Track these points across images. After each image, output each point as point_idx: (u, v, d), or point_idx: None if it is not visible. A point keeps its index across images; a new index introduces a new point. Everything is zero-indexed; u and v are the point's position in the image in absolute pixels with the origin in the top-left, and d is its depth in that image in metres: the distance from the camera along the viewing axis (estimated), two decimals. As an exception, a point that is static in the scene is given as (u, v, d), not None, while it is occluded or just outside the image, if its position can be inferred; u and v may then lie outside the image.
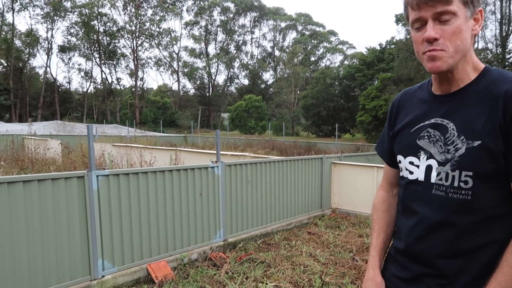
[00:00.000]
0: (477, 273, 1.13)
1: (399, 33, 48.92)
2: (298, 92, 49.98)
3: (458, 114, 1.17)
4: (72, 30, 50.26)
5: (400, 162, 1.33)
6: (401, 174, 1.34)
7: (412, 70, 22.94)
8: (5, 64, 46.67)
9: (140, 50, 55.55)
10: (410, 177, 1.27)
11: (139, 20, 52.63)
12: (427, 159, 1.22)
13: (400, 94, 1.46)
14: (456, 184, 1.14)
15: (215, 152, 5.46)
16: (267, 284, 3.93)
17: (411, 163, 1.27)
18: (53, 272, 3.51)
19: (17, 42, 47.69)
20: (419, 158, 1.25)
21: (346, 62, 54.13)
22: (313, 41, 60.38)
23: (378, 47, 37.03)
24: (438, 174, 1.18)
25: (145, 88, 61.40)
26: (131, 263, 4.13)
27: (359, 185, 6.88)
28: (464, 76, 1.18)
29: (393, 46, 33.35)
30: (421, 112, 1.29)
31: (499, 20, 26.03)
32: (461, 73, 1.18)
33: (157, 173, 4.37)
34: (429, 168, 1.21)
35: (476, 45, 28.68)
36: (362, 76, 35.94)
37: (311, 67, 58.02)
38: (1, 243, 3.18)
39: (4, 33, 46.17)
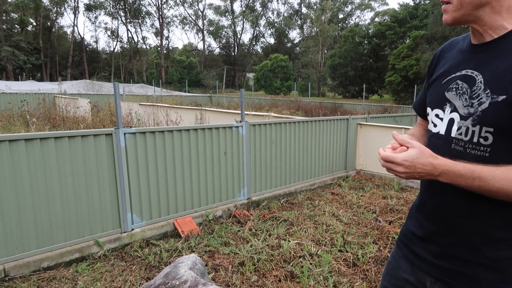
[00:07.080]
0: (491, 235, 1.08)
1: (435, -13, 45.99)
2: (326, 52, 48.52)
3: (489, 66, 1.09)
4: (97, -12, 50.02)
5: (428, 114, 1.28)
6: (427, 127, 1.30)
7: (447, 28, 21.66)
8: (34, 24, 47.30)
9: (165, 8, 55.21)
10: (434, 130, 1.23)
11: (163, -24, 51.65)
12: (451, 112, 1.16)
13: (445, 43, 1.38)
14: (475, 139, 1.08)
15: (239, 112, 5.45)
16: (289, 241, 4.01)
17: (437, 115, 1.23)
18: (86, 224, 3.70)
19: (45, 1, 47.96)
20: (444, 111, 1.20)
21: (376, 19, 51.67)
22: (342, -4, 57.66)
23: (411, 3, 35.12)
24: (458, 128, 1.13)
25: (170, 48, 61.25)
26: (158, 217, 4.29)
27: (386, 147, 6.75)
28: (498, 25, 1.08)
29: (428, 1, 31.52)
30: (456, 62, 1.22)
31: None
32: (489, 23, 1.08)
33: (182, 131, 4.42)
34: (451, 122, 1.16)
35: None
36: (393, 34, 34.42)
37: (339, 24, 55.82)
38: (36, 195, 3.36)
39: (31, -9, 46.34)
